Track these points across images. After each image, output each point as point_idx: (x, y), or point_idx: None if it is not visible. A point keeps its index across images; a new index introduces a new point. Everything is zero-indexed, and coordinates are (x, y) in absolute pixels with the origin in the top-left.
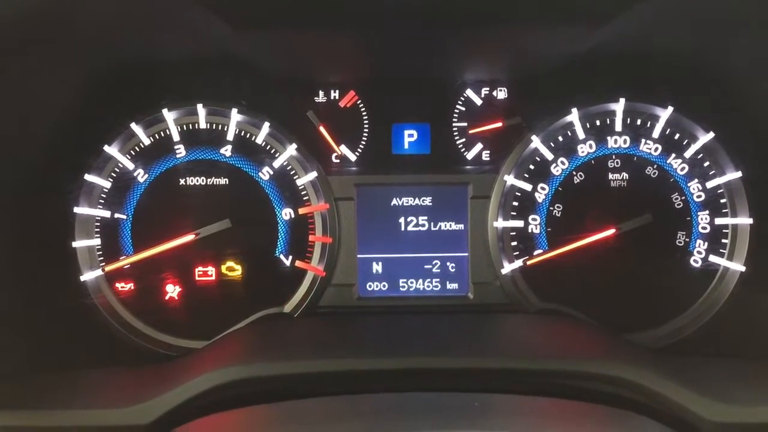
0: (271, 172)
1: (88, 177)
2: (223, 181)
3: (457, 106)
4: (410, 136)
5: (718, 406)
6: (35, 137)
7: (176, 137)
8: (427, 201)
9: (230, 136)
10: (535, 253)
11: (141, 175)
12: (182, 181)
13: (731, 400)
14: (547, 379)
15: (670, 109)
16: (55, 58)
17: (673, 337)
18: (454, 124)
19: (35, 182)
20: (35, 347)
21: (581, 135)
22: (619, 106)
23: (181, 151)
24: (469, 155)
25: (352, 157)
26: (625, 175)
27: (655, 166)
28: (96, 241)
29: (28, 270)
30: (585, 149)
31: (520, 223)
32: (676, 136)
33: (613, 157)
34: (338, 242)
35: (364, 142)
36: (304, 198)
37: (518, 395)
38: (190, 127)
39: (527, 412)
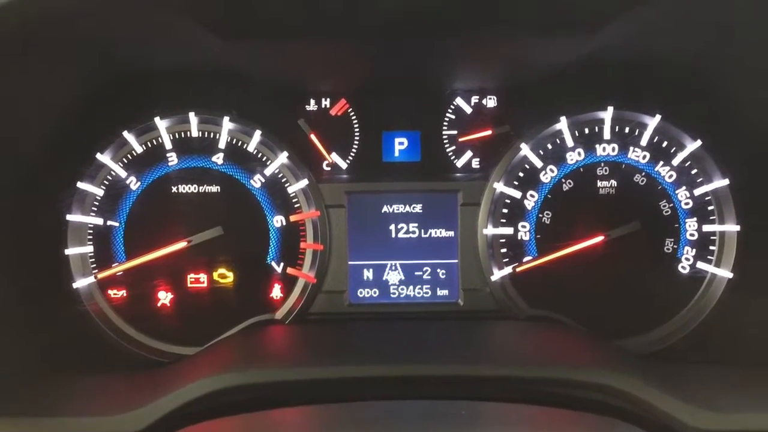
0: (263, 180)
1: (80, 185)
2: (214, 188)
3: (447, 115)
4: (400, 143)
5: (702, 414)
6: (28, 146)
7: (168, 145)
8: (418, 208)
9: (222, 144)
10: (525, 259)
11: (133, 183)
12: (174, 189)
13: (716, 407)
14: (535, 386)
15: (658, 117)
16: (48, 67)
17: (661, 344)
18: (444, 132)
19: (28, 190)
20: (27, 354)
21: (570, 143)
22: (607, 115)
23: (173, 158)
24: (459, 163)
25: (343, 165)
26: (614, 182)
27: (643, 174)
28: (88, 249)
29: (20, 277)
30: (574, 157)
31: (509, 230)
32: (664, 144)
33: (602, 164)
34: (329, 249)
35: (354, 150)
36: (296, 205)
37: (505, 403)
38: (182, 135)
39: (514, 421)
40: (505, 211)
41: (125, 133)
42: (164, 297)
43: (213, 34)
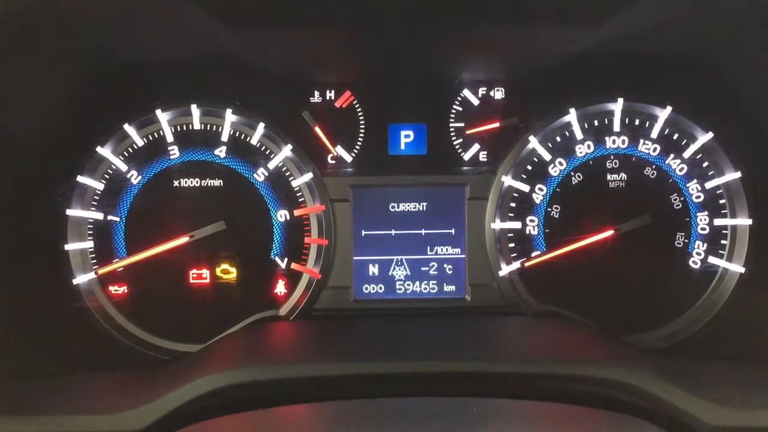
0: (266, 174)
1: (80, 178)
2: (217, 182)
3: (454, 107)
4: (407, 136)
5: (716, 410)
6: (27, 138)
7: (170, 138)
8: (424, 202)
9: (225, 137)
10: (533, 254)
11: (134, 177)
12: (176, 183)
13: (730, 403)
14: (544, 382)
15: (669, 108)
16: (48, 57)
17: (672, 339)
18: (451, 125)
19: (26, 184)
20: (27, 352)
21: (579, 135)
22: (617, 106)
23: (174, 152)
24: (466, 156)
25: (348, 158)
26: (624, 175)
27: (653, 167)
28: (89, 244)
29: (19, 273)
30: (583, 150)
31: (517, 225)
32: (675, 137)
33: (612, 157)
34: (334, 244)
35: (360, 143)
36: (300, 199)
37: (516, 400)
38: (184, 128)
39: (525, 418)
40: (513, 205)
41: (126, 126)
42: (166, 293)
43: (217, 21)
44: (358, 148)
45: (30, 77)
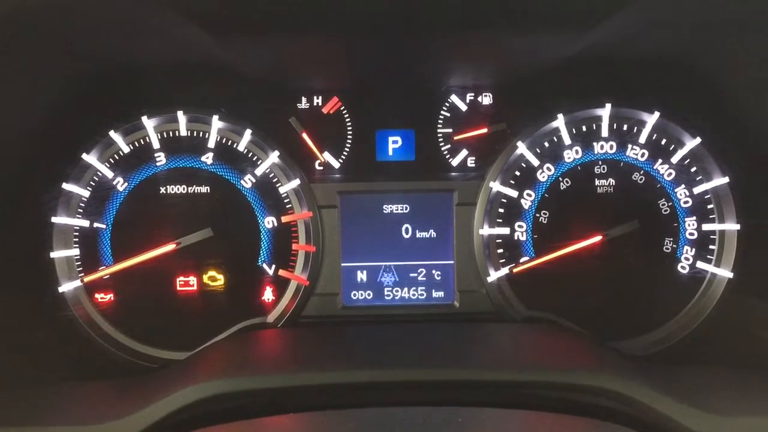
0: (254, 180)
1: (66, 186)
2: (204, 189)
3: (442, 112)
4: (394, 142)
5: (704, 417)
6: (11, 145)
7: (156, 145)
8: (412, 208)
9: (211, 144)
10: (522, 260)
11: (120, 184)
12: (162, 190)
13: (719, 410)
14: (533, 391)
15: (657, 114)
16: (33, 64)
17: (661, 345)
18: (438, 131)
19: (11, 191)
20: (12, 361)
21: (567, 141)
22: (605, 112)
23: (161, 158)
24: (454, 162)
25: (336, 164)
26: (612, 181)
27: (641, 172)
28: (74, 252)
29: (4, 281)
30: (571, 155)
31: (506, 231)
32: (663, 142)
33: (600, 162)
34: (322, 251)
35: (347, 149)
36: (287, 206)
37: (503, 409)
38: (171, 135)
39: (512, 427)
40: (501, 210)
41: (112, 133)
42: (153, 301)
43: (203, 30)
44: (345, 154)
45: (15, 84)
